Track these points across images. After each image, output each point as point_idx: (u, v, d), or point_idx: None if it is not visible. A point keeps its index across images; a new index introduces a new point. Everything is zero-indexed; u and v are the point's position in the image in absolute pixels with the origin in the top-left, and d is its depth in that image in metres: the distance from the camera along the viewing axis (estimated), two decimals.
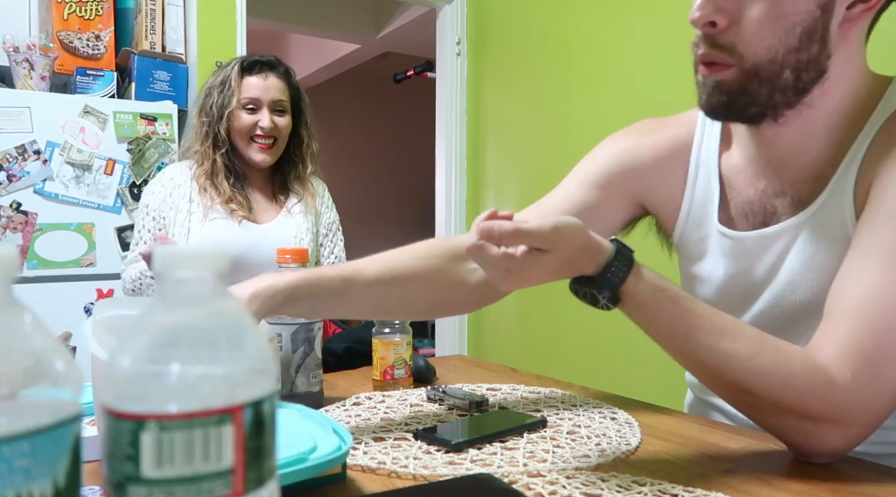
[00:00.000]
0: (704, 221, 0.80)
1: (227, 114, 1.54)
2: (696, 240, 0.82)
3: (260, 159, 1.57)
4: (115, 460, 0.29)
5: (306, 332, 0.84)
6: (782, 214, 0.74)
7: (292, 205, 1.65)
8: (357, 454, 0.65)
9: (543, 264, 0.59)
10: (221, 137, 1.56)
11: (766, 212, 0.76)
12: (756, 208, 0.76)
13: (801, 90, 0.67)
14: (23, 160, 2.04)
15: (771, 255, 0.75)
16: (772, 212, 0.75)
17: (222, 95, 1.55)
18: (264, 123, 1.55)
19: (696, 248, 0.82)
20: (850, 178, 0.68)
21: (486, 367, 1.13)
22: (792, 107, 0.69)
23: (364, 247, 4.43)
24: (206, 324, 0.32)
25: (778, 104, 0.68)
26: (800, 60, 0.64)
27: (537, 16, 2.66)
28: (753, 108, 0.68)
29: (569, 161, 0.96)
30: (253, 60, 1.59)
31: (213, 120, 1.56)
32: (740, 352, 0.62)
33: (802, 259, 0.72)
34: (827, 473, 0.61)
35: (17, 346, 0.30)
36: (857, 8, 0.63)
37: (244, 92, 1.56)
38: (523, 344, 2.72)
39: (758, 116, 0.70)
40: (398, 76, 4.03)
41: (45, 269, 2.05)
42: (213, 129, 1.56)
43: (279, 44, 5.04)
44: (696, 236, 0.82)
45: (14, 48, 2.14)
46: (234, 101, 1.54)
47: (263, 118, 1.55)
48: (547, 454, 0.65)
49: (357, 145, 5.75)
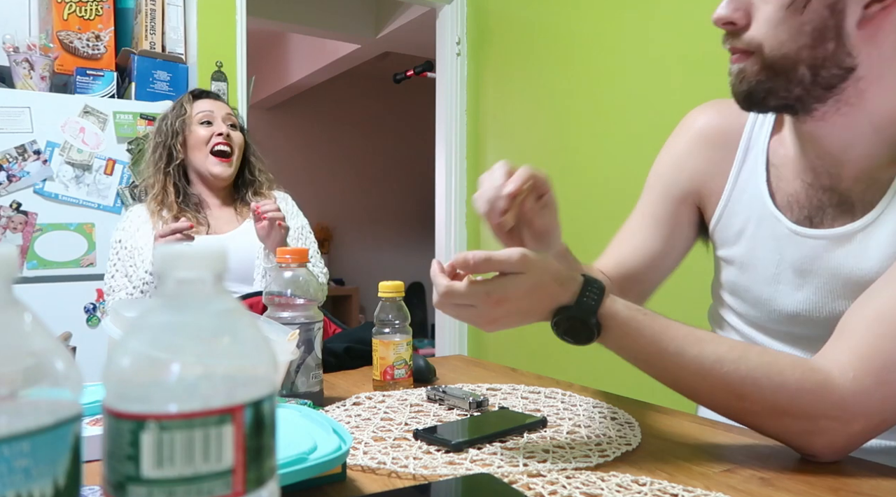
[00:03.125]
0: (749, 204, 0.81)
1: (183, 129, 1.64)
2: (738, 222, 0.82)
3: (219, 171, 1.64)
4: (115, 460, 0.29)
5: (306, 332, 0.84)
6: (828, 210, 0.74)
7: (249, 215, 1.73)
8: (357, 454, 0.65)
9: (518, 284, 0.62)
10: (175, 154, 1.64)
11: (811, 205, 0.76)
12: (802, 201, 0.77)
13: (826, 86, 0.68)
14: (23, 160, 2.04)
15: (817, 252, 0.74)
16: (817, 206, 0.75)
17: (177, 115, 1.66)
18: (220, 129, 1.64)
19: (734, 230, 0.82)
20: None
21: (486, 367, 1.13)
22: (822, 102, 0.70)
23: (364, 246, 4.45)
24: (206, 324, 0.32)
25: (802, 98, 0.69)
26: (815, 57, 0.66)
27: (537, 16, 2.66)
28: (772, 100, 0.70)
29: (569, 161, 0.96)
30: (200, 90, 1.75)
31: (168, 138, 1.65)
32: (727, 356, 0.62)
33: (849, 267, 0.71)
34: (827, 473, 0.61)
35: (17, 346, 0.30)
36: (874, 7, 0.64)
37: (197, 109, 1.67)
38: (523, 344, 2.72)
39: (781, 108, 0.72)
40: (398, 76, 4.03)
41: (45, 269, 2.06)
42: (167, 149, 1.65)
43: (279, 44, 5.04)
44: (737, 218, 0.82)
45: (14, 48, 2.14)
46: (188, 118, 1.65)
47: (219, 126, 1.65)
48: (547, 454, 0.65)
49: (357, 145, 5.74)
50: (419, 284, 5.65)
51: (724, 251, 0.85)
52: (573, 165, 2.46)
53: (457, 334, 3.04)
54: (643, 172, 0.96)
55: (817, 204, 0.75)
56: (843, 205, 0.73)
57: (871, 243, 0.70)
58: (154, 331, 0.32)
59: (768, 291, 0.79)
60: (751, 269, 0.81)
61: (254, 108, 4.31)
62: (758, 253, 0.80)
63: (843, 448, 0.63)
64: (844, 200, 0.73)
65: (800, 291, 0.76)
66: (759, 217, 0.79)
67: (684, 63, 2.02)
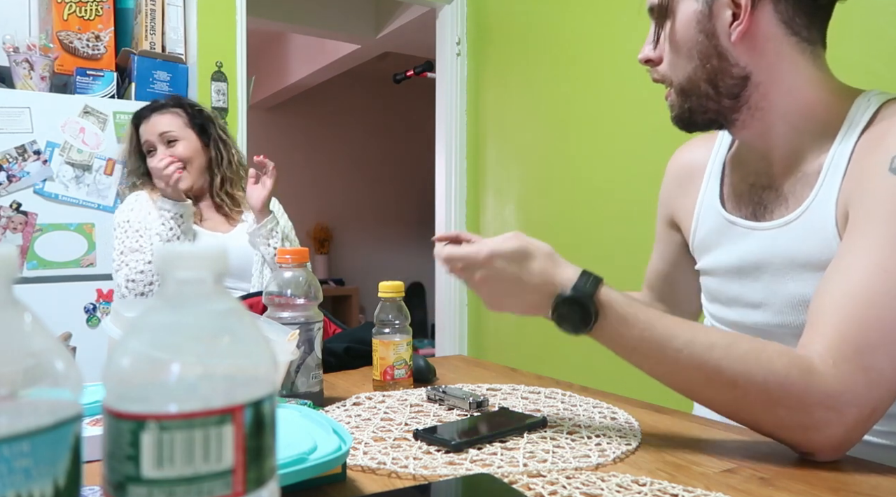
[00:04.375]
0: (709, 216, 0.89)
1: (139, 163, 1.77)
2: (705, 233, 0.90)
3: (182, 187, 1.65)
4: (115, 460, 0.29)
5: (306, 332, 0.84)
6: (770, 207, 0.82)
7: (245, 216, 1.79)
8: (357, 454, 0.65)
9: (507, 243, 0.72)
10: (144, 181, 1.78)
11: (754, 202, 0.84)
12: (746, 200, 0.85)
13: (730, 96, 0.79)
14: (23, 160, 2.04)
15: (764, 244, 0.81)
16: (758, 202, 0.84)
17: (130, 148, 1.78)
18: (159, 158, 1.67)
19: (704, 243, 0.90)
20: (834, 182, 0.74)
21: (486, 367, 1.13)
22: (737, 111, 0.80)
23: (364, 246, 4.46)
24: (206, 324, 0.32)
25: (719, 111, 0.80)
26: (708, 72, 0.78)
27: (537, 16, 2.66)
28: (698, 118, 0.82)
29: (569, 161, 0.98)
30: (138, 113, 1.78)
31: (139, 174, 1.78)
32: (718, 342, 0.66)
33: (791, 252, 0.78)
34: (827, 473, 0.61)
35: (17, 346, 0.30)
36: (735, 25, 0.76)
37: (142, 138, 1.74)
38: (523, 344, 2.72)
39: (710, 124, 0.83)
40: (398, 76, 4.03)
41: (45, 270, 2.05)
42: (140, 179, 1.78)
43: (279, 44, 5.04)
44: (704, 229, 0.90)
45: (14, 48, 2.14)
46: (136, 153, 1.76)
47: (157, 156, 1.70)
48: (547, 454, 0.65)
49: (357, 145, 5.74)
50: (419, 284, 5.65)
51: (700, 263, 0.93)
52: (573, 165, 2.46)
53: (457, 334, 3.04)
54: (642, 173, 0.97)
55: (758, 200, 0.84)
56: (779, 199, 0.81)
57: (807, 229, 0.76)
58: (154, 331, 0.32)
59: (735, 288, 0.85)
60: (719, 272, 0.88)
61: (254, 108, 4.31)
62: (722, 256, 0.87)
63: (841, 443, 0.63)
64: (780, 195, 0.81)
65: (758, 282, 0.82)
66: (718, 224, 0.88)
67: None
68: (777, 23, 0.76)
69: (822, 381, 0.62)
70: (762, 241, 0.81)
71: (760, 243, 0.81)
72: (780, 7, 0.75)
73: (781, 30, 0.76)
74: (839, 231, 0.72)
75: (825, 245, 0.73)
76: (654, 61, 0.84)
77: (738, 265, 0.84)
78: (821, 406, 0.62)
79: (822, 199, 0.75)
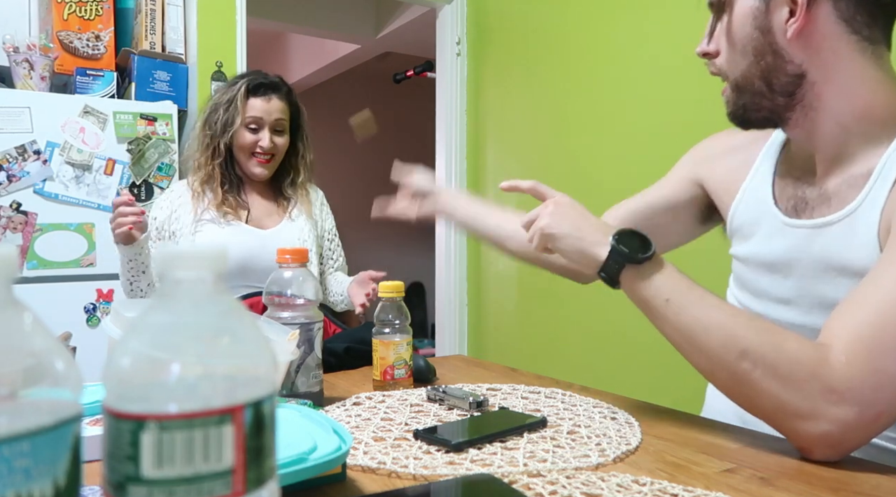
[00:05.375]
0: (755, 205, 0.89)
1: (231, 131, 1.64)
2: (746, 219, 0.90)
3: (258, 172, 1.68)
4: (115, 460, 0.29)
5: (306, 332, 0.84)
6: (811, 203, 0.81)
7: (292, 209, 1.77)
8: (357, 454, 0.65)
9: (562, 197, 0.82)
10: (220, 151, 1.66)
11: (797, 197, 0.83)
12: (790, 194, 0.85)
13: (784, 93, 0.78)
14: (23, 160, 2.04)
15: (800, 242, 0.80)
16: (801, 198, 0.83)
17: (228, 113, 1.65)
18: (264, 144, 1.65)
19: (744, 228, 0.90)
20: (883, 189, 0.72)
21: (486, 367, 1.13)
22: (791, 110, 0.79)
23: (364, 246, 4.47)
24: (206, 324, 0.32)
25: (773, 109, 0.79)
26: (762, 70, 0.78)
27: (537, 16, 2.66)
28: (752, 115, 0.81)
29: (569, 160, 0.98)
30: (258, 83, 1.68)
31: (217, 134, 1.66)
32: (741, 313, 0.70)
33: (828, 254, 0.77)
34: (827, 473, 0.61)
35: (17, 346, 0.30)
36: (791, 22, 0.75)
37: (249, 112, 1.65)
38: (523, 344, 2.72)
39: (764, 121, 0.82)
40: (398, 76, 4.03)
41: (45, 270, 2.06)
42: (214, 143, 1.66)
43: (279, 44, 5.04)
44: (746, 214, 0.90)
45: (14, 48, 2.14)
46: (239, 121, 1.64)
47: (264, 139, 1.65)
48: (547, 454, 0.65)
49: (357, 145, 5.74)
50: (419, 284, 5.65)
51: (735, 248, 0.92)
52: (573, 165, 2.46)
53: (457, 334, 3.04)
54: (642, 171, 0.97)
55: (801, 196, 0.83)
56: (821, 197, 0.80)
57: (847, 234, 0.74)
58: (154, 331, 0.32)
59: (765, 281, 0.85)
60: (752, 262, 0.87)
61: None
62: (756, 247, 0.87)
63: (837, 441, 0.62)
64: (823, 194, 0.80)
65: (788, 279, 0.82)
66: (760, 213, 0.87)
67: (683, 62, 2.01)
68: (836, 20, 0.74)
69: (831, 372, 0.62)
70: (798, 238, 0.80)
71: (796, 240, 0.80)
72: (841, 5, 0.73)
73: (840, 27, 0.74)
74: (881, 241, 0.70)
75: (864, 252, 0.72)
76: (711, 54, 0.84)
77: (770, 260, 0.84)
78: (822, 397, 0.62)
79: (868, 205, 0.73)
